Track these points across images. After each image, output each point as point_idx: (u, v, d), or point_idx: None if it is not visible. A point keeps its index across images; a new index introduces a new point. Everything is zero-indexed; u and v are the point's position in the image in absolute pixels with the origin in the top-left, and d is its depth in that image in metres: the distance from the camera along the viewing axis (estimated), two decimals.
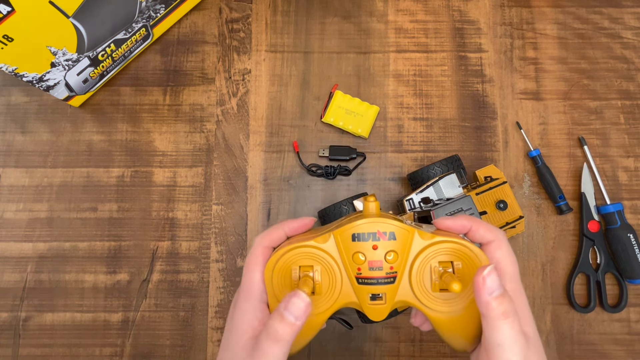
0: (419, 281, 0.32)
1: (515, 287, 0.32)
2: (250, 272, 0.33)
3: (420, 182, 0.49)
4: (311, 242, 0.32)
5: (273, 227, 0.35)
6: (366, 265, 0.31)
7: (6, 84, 0.55)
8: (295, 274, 0.32)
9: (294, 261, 0.32)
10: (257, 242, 0.34)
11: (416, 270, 0.32)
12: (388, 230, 0.31)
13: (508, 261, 0.32)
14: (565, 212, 0.52)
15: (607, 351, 0.51)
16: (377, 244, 0.31)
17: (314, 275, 0.32)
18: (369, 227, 0.31)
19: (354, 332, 0.51)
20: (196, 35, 0.56)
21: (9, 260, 0.52)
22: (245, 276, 0.33)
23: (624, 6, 0.57)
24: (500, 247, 0.32)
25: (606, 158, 0.54)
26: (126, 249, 0.52)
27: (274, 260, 0.32)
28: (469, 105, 0.55)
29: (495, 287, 0.28)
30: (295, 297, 0.28)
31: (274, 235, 0.34)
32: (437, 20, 0.57)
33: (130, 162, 0.54)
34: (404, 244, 0.32)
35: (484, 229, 0.33)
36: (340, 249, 0.32)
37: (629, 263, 0.50)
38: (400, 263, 0.32)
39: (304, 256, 0.32)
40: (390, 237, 0.31)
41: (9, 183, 0.53)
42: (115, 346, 0.51)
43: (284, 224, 0.35)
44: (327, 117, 0.53)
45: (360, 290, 0.32)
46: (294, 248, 0.32)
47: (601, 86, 0.55)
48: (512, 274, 0.32)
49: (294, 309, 0.28)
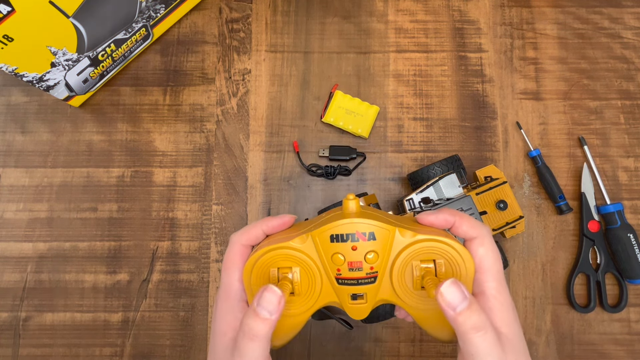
0: (400, 280, 0.32)
1: (497, 285, 0.31)
2: (228, 272, 0.32)
3: (420, 182, 0.49)
4: (289, 244, 0.31)
5: (251, 225, 0.34)
6: (345, 266, 0.31)
7: (6, 84, 0.55)
8: (274, 275, 0.32)
9: (273, 262, 0.32)
10: (235, 240, 0.33)
11: (397, 270, 0.31)
12: (367, 230, 0.30)
13: (490, 258, 0.31)
14: (565, 212, 0.52)
15: (607, 351, 0.51)
16: (356, 245, 0.30)
17: (293, 276, 0.32)
18: (347, 228, 0.30)
19: (354, 332, 0.51)
20: (196, 35, 0.56)
21: (9, 260, 0.52)
22: (224, 276, 0.33)
23: (624, 6, 0.57)
24: (483, 244, 0.31)
25: (606, 158, 0.54)
26: (126, 249, 0.52)
27: (252, 261, 0.32)
28: (469, 105, 0.55)
29: (458, 302, 0.27)
30: (267, 292, 0.28)
31: (251, 233, 0.33)
32: (437, 20, 0.57)
33: (130, 162, 0.54)
34: (384, 243, 0.31)
35: (467, 225, 0.32)
36: (319, 250, 0.31)
37: (629, 263, 0.50)
38: (381, 263, 0.31)
39: (282, 257, 0.31)
40: (370, 238, 0.30)
41: (9, 183, 0.53)
42: (115, 346, 0.51)
43: (263, 222, 0.34)
44: (327, 117, 0.53)
45: (340, 290, 0.32)
46: (272, 249, 0.31)
47: (601, 86, 0.55)
48: (494, 272, 0.31)
49: (266, 303, 0.28)
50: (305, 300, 0.32)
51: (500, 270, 0.31)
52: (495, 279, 0.31)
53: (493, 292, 0.30)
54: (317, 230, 0.31)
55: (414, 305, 0.32)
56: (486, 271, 0.31)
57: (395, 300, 0.32)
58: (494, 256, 0.31)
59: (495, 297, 0.30)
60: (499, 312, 0.30)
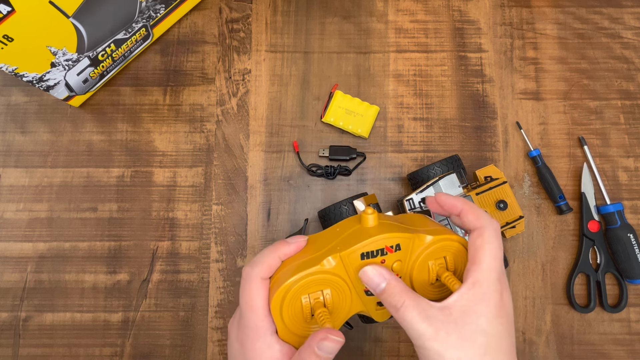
0: (419, 280, 0.34)
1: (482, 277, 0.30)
2: (254, 311, 0.32)
3: (420, 182, 0.49)
4: (318, 268, 0.31)
5: (265, 255, 0.33)
6: None
7: (6, 84, 0.55)
8: (306, 302, 0.32)
9: (304, 290, 0.32)
10: (253, 275, 0.32)
11: (417, 271, 0.33)
12: (394, 243, 0.32)
13: (486, 252, 0.31)
14: (565, 212, 0.52)
15: (607, 351, 0.51)
16: (385, 258, 0.32)
17: (325, 298, 0.32)
18: (377, 245, 0.32)
19: (354, 332, 0.51)
20: (196, 35, 0.56)
21: (9, 260, 0.52)
22: (249, 315, 0.32)
23: (624, 6, 0.57)
24: (482, 235, 0.31)
25: (606, 158, 0.54)
26: (126, 249, 0.52)
27: (281, 293, 0.31)
28: (469, 105, 0.55)
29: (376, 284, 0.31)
30: (329, 342, 0.29)
31: (269, 264, 0.33)
32: (437, 20, 0.57)
33: (130, 162, 0.54)
34: (407, 250, 0.33)
35: (473, 216, 0.32)
36: (348, 268, 0.32)
37: (629, 263, 0.50)
38: (404, 269, 0.33)
39: (313, 283, 0.32)
40: (397, 249, 0.32)
41: (9, 183, 0.53)
42: (115, 346, 0.51)
43: (277, 249, 0.33)
44: (327, 117, 0.53)
45: (368, 300, 0.34)
46: (303, 278, 0.31)
47: (601, 86, 0.55)
48: (487, 267, 0.30)
49: (327, 348, 0.29)
50: (338, 315, 0.34)
51: (494, 266, 0.31)
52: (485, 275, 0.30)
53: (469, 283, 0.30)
54: (347, 252, 0.31)
55: (429, 298, 0.33)
56: (477, 264, 0.31)
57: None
58: (490, 250, 0.31)
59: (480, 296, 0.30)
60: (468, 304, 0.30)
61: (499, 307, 0.30)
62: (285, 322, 0.32)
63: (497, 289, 0.30)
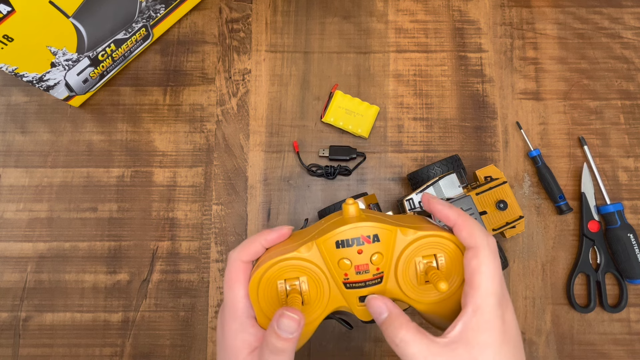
0: (405, 277, 0.33)
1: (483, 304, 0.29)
2: (232, 290, 0.32)
3: (420, 182, 0.49)
4: (294, 254, 0.31)
5: (249, 240, 0.34)
6: (353, 270, 0.32)
7: (6, 84, 0.55)
8: (282, 287, 0.32)
9: (279, 275, 0.32)
10: (234, 258, 0.33)
11: (402, 267, 0.32)
12: (371, 233, 0.31)
13: (483, 275, 0.29)
14: (565, 212, 0.52)
15: (607, 351, 0.51)
16: (361, 248, 0.31)
17: (301, 285, 0.32)
18: (352, 233, 0.31)
19: (354, 332, 0.51)
20: (196, 35, 0.56)
21: (9, 260, 0.52)
22: (228, 294, 0.32)
23: (624, 6, 0.57)
24: (477, 256, 0.30)
25: (606, 158, 0.54)
26: (126, 249, 0.52)
27: (257, 276, 0.32)
28: (469, 105, 0.55)
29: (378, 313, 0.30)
30: (285, 318, 0.28)
31: (250, 248, 0.33)
32: (437, 20, 0.57)
33: (130, 162, 0.54)
34: (388, 243, 0.32)
35: (466, 233, 0.31)
36: (325, 257, 0.32)
37: (629, 263, 0.50)
38: (386, 263, 0.32)
39: (288, 269, 0.32)
40: (374, 240, 0.31)
41: (9, 183, 0.53)
42: (115, 346, 0.51)
43: (260, 235, 0.34)
44: (327, 117, 0.53)
45: (348, 294, 0.33)
46: (278, 262, 0.31)
47: (601, 86, 0.55)
48: (486, 292, 0.29)
49: (286, 327, 0.28)
50: (315, 308, 0.33)
51: (494, 289, 0.29)
52: (485, 300, 0.29)
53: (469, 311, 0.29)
54: (322, 238, 0.31)
55: (419, 299, 0.33)
56: (475, 289, 0.29)
57: (401, 297, 0.33)
58: (487, 271, 0.29)
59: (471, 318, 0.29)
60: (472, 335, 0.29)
61: (503, 333, 0.29)
62: (262, 306, 0.32)
63: (498, 314, 0.29)
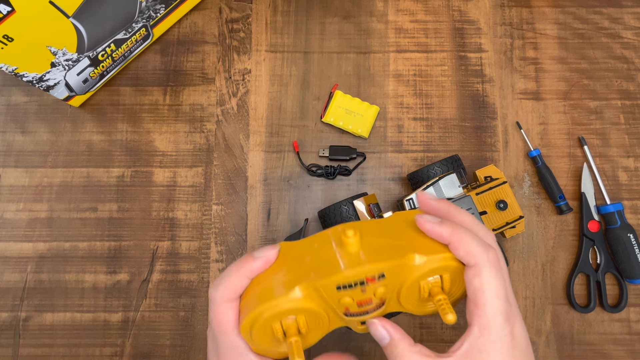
0: (407, 298, 0.31)
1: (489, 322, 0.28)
2: (226, 335, 0.30)
3: (420, 182, 0.49)
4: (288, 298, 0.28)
5: (229, 274, 0.30)
6: (354, 305, 0.29)
7: (6, 84, 0.55)
8: (278, 329, 0.29)
9: (272, 319, 0.29)
10: (219, 300, 0.30)
11: (405, 292, 0.30)
12: (377, 273, 0.28)
13: (487, 293, 0.28)
14: (565, 212, 0.52)
15: (607, 351, 0.51)
16: (365, 287, 0.28)
17: (298, 322, 0.29)
18: (355, 276, 0.27)
19: (354, 332, 0.51)
20: (196, 35, 0.56)
21: (9, 260, 0.52)
22: (222, 339, 0.30)
23: (624, 6, 0.57)
24: (479, 275, 0.28)
25: (606, 158, 0.54)
26: (126, 249, 0.52)
27: (247, 324, 0.29)
28: (469, 105, 0.55)
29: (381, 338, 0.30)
30: None
31: (235, 284, 0.30)
32: (437, 20, 0.57)
33: (130, 162, 0.54)
34: (393, 277, 0.29)
35: (464, 251, 0.29)
36: (324, 297, 0.28)
37: (629, 263, 0.50)
38: (390, 292, 0.30)
39: (281, 313, 0.28)
40: (380, 278, 0.28)
41: (9, 183, 0.53)
42: (115, 346, 0.51)
43: (243, 266, 0.30)
44: (327, 117, 0.53)
45: (349, 320, 0.31)
46: (268, 309, 0.28)
47: (601, 86, 0.55)
48: (492, 311, 0.28)
49: None
50: (314, 334, 0.31)
51: (498, 306, 0.28)
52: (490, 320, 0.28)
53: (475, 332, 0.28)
54: (320, 282, 0.28)
55: (418, 312, 0.32)
56: (479, 307, 0.28)
57: (399, 309, 0.32)
58: (491, 290, 0.28)
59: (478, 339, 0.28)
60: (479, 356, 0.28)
61: (512, 349, 0.28)
62: (257, 343, 0.30)
63: (506, 332, 0.28)
